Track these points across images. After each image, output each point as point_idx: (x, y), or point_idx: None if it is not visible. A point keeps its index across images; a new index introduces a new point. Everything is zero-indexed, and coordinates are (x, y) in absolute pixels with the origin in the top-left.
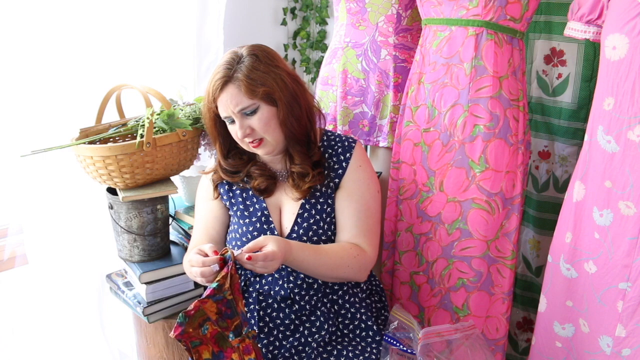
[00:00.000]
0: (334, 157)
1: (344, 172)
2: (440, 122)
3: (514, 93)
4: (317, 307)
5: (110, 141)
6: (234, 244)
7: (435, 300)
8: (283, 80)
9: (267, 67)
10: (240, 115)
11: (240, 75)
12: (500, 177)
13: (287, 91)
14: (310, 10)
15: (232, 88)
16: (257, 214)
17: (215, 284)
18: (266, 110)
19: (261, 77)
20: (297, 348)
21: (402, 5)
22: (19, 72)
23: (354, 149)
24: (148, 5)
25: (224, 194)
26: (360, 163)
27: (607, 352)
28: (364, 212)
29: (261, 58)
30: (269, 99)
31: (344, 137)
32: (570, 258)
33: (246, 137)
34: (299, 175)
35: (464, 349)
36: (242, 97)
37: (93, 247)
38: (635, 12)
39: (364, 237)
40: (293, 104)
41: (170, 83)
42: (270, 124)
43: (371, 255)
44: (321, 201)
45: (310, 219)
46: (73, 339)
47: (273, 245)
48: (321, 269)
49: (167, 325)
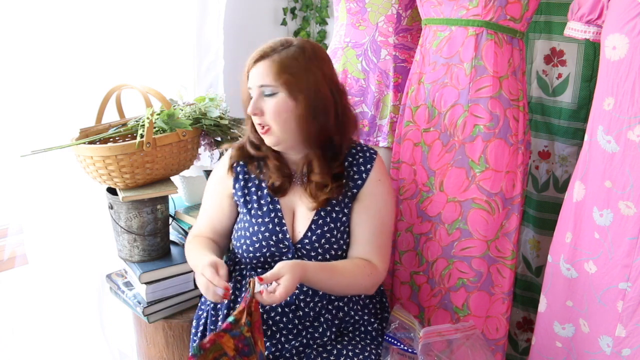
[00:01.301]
0: (354, 166)
1: (363, 183)
2: (440, 122)
3: (514, 93)
4: (321, 314)
5: (110, 141)
6: (242, 242)
7: (435, 300)
8: (316, 82)
9: (307, 63)
10: (259, 93)
11: (276, 57)
12: (500, 177)
13: (315, 93)
14: (310, 10)
15: (265, 64)
16: (271, 215)
17: (232, 318)
18: (283, 100)
19: (295, 67)
20: (299, 349)
21: (402, 5)
22: (19, 72)
23: (375, 161)
24: (148, 5)
25: (239, 190)
26: (380, 177)
27: (607, 352)
28: (379, 227)
29: (307, 53)
30: (292, 90)
31: (366, 148)
32: (571, 258)
33: (254, 115)
34: (317, 186)
35: (464, 349)
36: (268, 76)
37: (93, 247)
38: (635, 12)
39: (377, 253)
40: (318, 109)
41: (170, 83)
42: (281, 115)
43: (382, 272)
44: (337, 210)
45: (325, 227)
46: (73, 339)
47: (288, 277)
48: (335, 288)
49: (167, 325)
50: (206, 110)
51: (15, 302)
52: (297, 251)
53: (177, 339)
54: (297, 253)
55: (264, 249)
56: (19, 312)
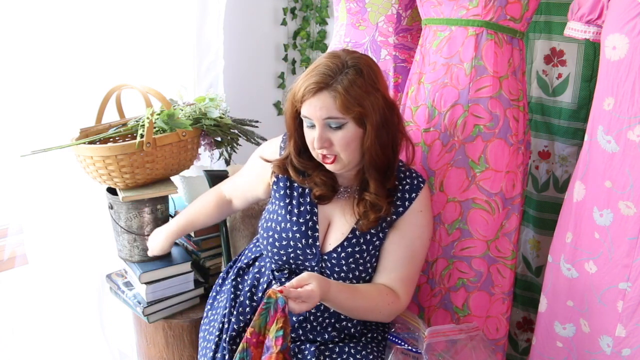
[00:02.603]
0: (399, 192)
1: (404, 211)
2: (440, 122)
3: (514, 93)
4: (327, 331)
5: (110, 141)
6: (270, 234)
7: (435, 300)
8: (378, 105)
9: (368, 87)
10: (324, 125)
11: (339, 87)
12: (500, 177)
13: (379, 117)
14: (310, 10)
15: (327, 97)
16: (306, 217)
17: (281, 332)
18: (352, 130)
19: (359, 95)
20: (300, 347)
21: (402, 5)
22: (19, 72)
23: (421, 190)
24: (148, 5)
25: (282, 180)
26: (422, 208)
27: (607, 352)
28: (409, 258)
29: (365, 75)
30: (360, 120)
31: (415, 174)
32: (571, 258)
33: (322, 149)
34: (371, 206)
35: (467, 350)
36: (334, 109)
37: (93, 247)
38: (635, 12)
39: (402, 284)
40: (381, 131)
41: (170, 83)
42: (352, 145)
43: (404, 304)
44: (372, 232)
45: (357, 247)
46: (73, 339)
47: (314, 285)
48: (353, 311)
49: (167, 325)
50: (206, 110)
51: (15, 302)
52: (322, 262)
53: (177, 339)
54: (321, 264)
55: (290, 248)
56: (19, 312)
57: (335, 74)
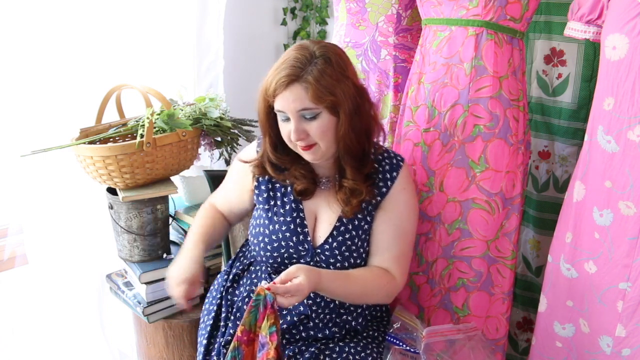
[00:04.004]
0: (379, 174)
1: (387, 191)
2: (440, 122)
3: (514, 93)
4: (328, 327)
5: (110, 141)
6: (260, 239)
7: (435, 300)
8: (349, 93)
9: (338, 75)
10: (298, 117)
11: (310, 78)
12: (500, 177)
13: (351, 104)
14: (310, 10)
15: (298, 88)
16: (293, 214)
17: (274, 328)
18: (327, 119)
19: (330, 84)
20: (301, 349)
21: (402, 5)
22: (19, 72)
23: (401, 168)
24: (148, 5)
25: (263, 184)
26: (405, 185)
27: (607, 352)
28: (400, 237)
29: (334, 63)
30: (333, 108)
31: (393, 154)
32: (571, 258)
33: (299, 140)
34: (351, 191)
35: (466, 350)
36: (307, 100)
37: (93, 247)
38: (635, 12)
39: (396, 263)
40: (354, 119)
41: (170, 83)
42: (328, 133)
43: (400, 283)
44: (359, 217)
45: (347, 234)
46: (73, 339)
47: (302, 278)
48: (349, 297)
49: (167, 325)
50: (206, 110)
51: (15, 302)
52: (316, 256)
53: (177, 339)
54: (315, 257)
55: (282, 249)
56: (19, 312)
57: (304, 65)
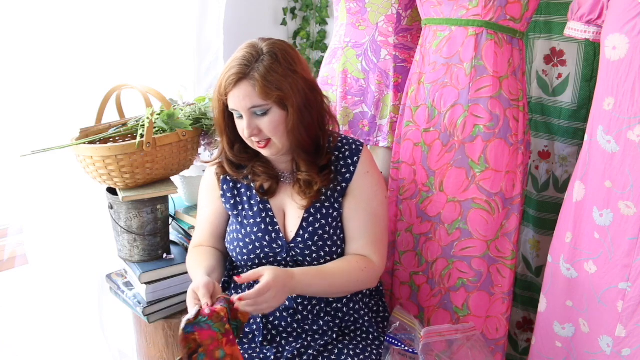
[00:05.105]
0: (341, 160)
1: (351, 176)
2: (440, 122)
3: (514, 93)
4: (320, 317)
5: (110, 141)
6: (235, 245)
7: (435, 300)
8: (298, 87)
9: (285, 71)
10: (250, 114)
11: (256, 75)
12: (500, 177)
13: (300, 98)
14: (310, 10)
15: (247, 86)
16: (262, 215)
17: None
18: (277, 114)
19: (278, 80)
20: (300, 350)
21: (402, 5)
22: (19, 72)
23: (362, 152)
24: (148, 5)
25: (228, 191)
26: (368, 169)
27: (607, 352)
28: (372, 221)
29: (280, 59)
30: (282, 103)
31: (351, 140)
32: (570, 258)
33: (253, 136)
34: (305, 183)
35: (465, 350)
36: (255, 97)
37: (93, 247)
38: (635, 12)
39: (372, 246)
40: (304, 112)
41: (170, 83)
42: (279, 128)
43: (379, 265)
44: (327, 205)
45: (316, 224)
46: (73, 339)
47: (268, 276)
48: (330, 290)
49: (167, 325)
50: (206, 110)
51: (15, 302)
52: (291, 250)
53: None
54: (290, 252)
55: (258, 250)
56: (19, 312)
57: (251, 62)
